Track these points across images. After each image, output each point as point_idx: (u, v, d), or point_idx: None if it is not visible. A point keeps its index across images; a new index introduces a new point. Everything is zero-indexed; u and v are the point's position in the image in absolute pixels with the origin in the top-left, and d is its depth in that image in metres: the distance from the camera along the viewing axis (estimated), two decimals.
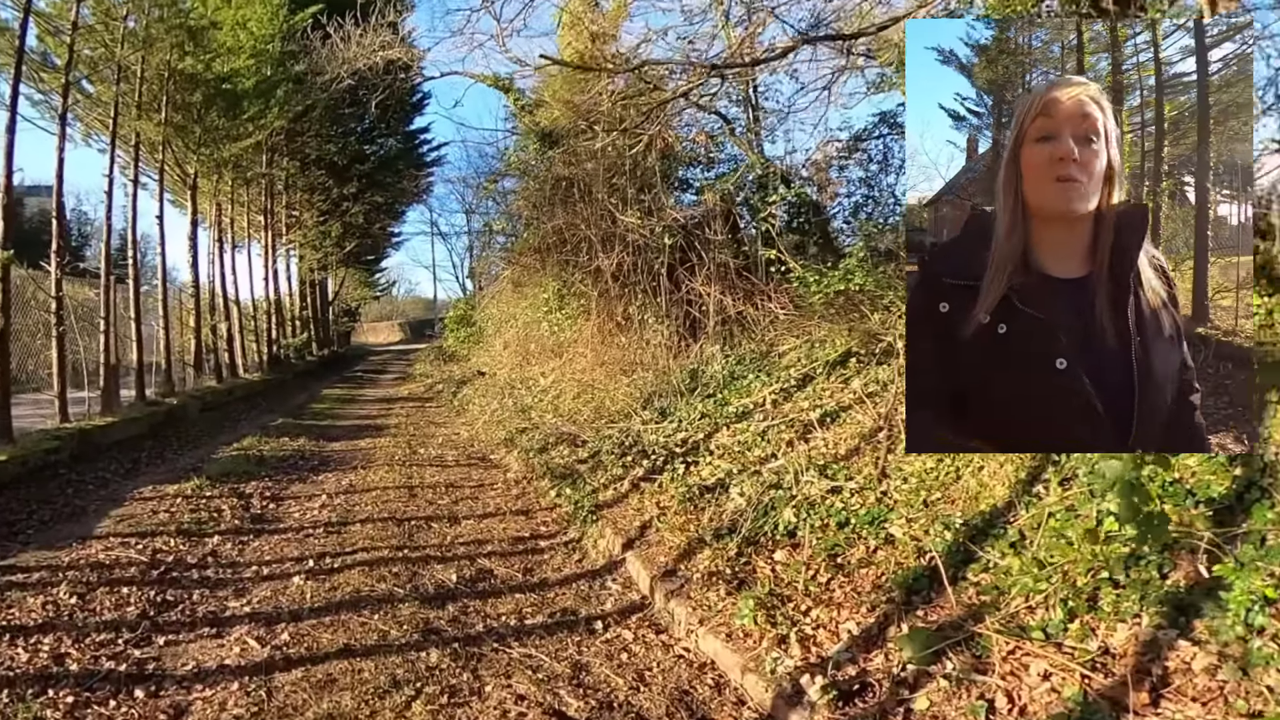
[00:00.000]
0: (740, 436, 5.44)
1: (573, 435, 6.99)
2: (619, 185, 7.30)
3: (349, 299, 33.72)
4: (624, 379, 8.73)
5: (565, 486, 5.70)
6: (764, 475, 4.66)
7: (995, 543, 3.61)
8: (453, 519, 5.50)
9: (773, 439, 5.27)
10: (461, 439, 9.45)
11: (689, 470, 5.22)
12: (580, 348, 9.61)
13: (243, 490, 6.38)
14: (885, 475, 4.44)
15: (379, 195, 24.61)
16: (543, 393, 9.93)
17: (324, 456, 8.14)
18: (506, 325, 14.61)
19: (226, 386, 13.75)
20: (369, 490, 6.37)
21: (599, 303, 8.03)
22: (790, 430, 5.29)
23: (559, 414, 8.40)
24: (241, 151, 14.29)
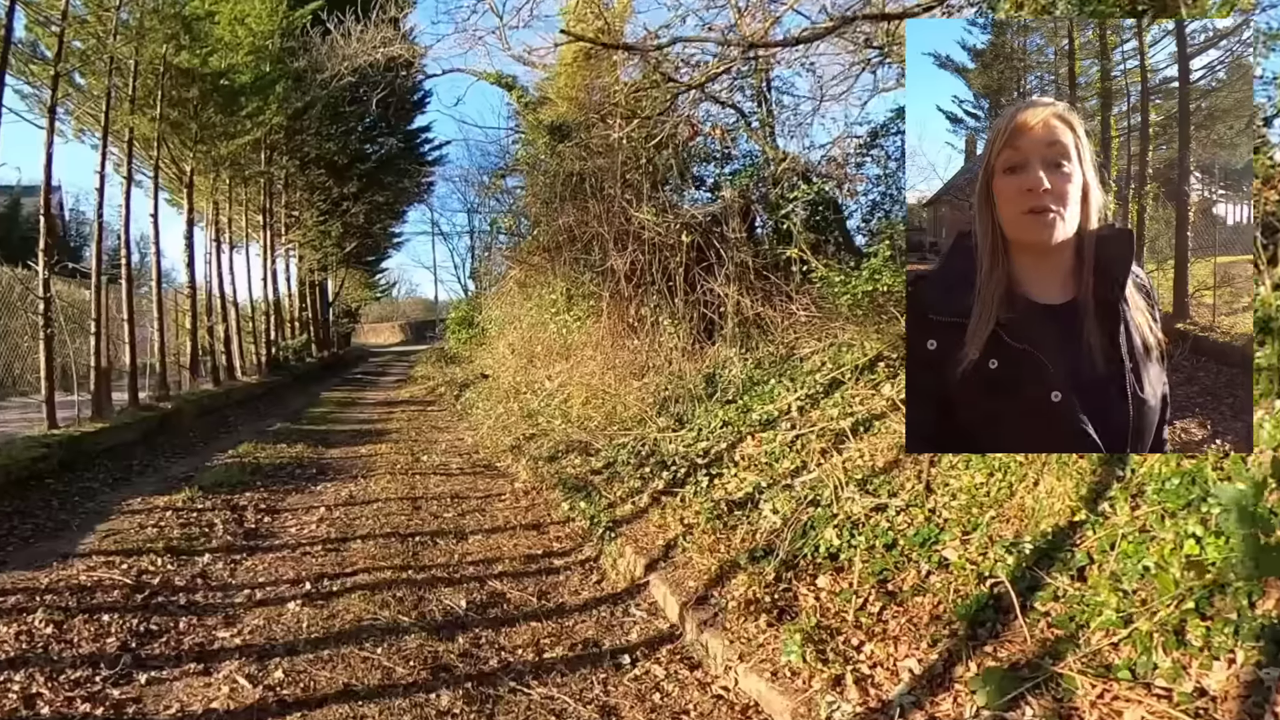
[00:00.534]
0: (767, 447, 5.10)
1: (584, 443, 6.65)
2: (633, 181, 6.97)
3: (349, 300, 33.38)
4: (635, 383, 8.39)
5: (579, 499, 5.36)
6: (797, 490, 4.32)
7: (1063, 568, 3.27)
8: (459, 534, 5.16)
9: (803, 449, 4.93)
10: (465, 445, 9.11)
11: (714, 483, 4.88)
12: (589, 350, 9.27)
13: (236, 502, 6.03)
14: (930, 490, 4.11)
15: (380, 195, 24.29)
16: (549, 397, 9.59)
17: (322, 465, 7.80)
18: (510, 327, 14.26)
19: (223, 390, 13.41)
20: (370, 502, 6.03)
21: (610, 304, 7.69)
22: (821, 440, 4.95)
23: (568, 420, 8.06)
24: (239, 149, 13.95)
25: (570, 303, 8.92)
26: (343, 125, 21.96)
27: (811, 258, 6.42)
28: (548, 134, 7.72)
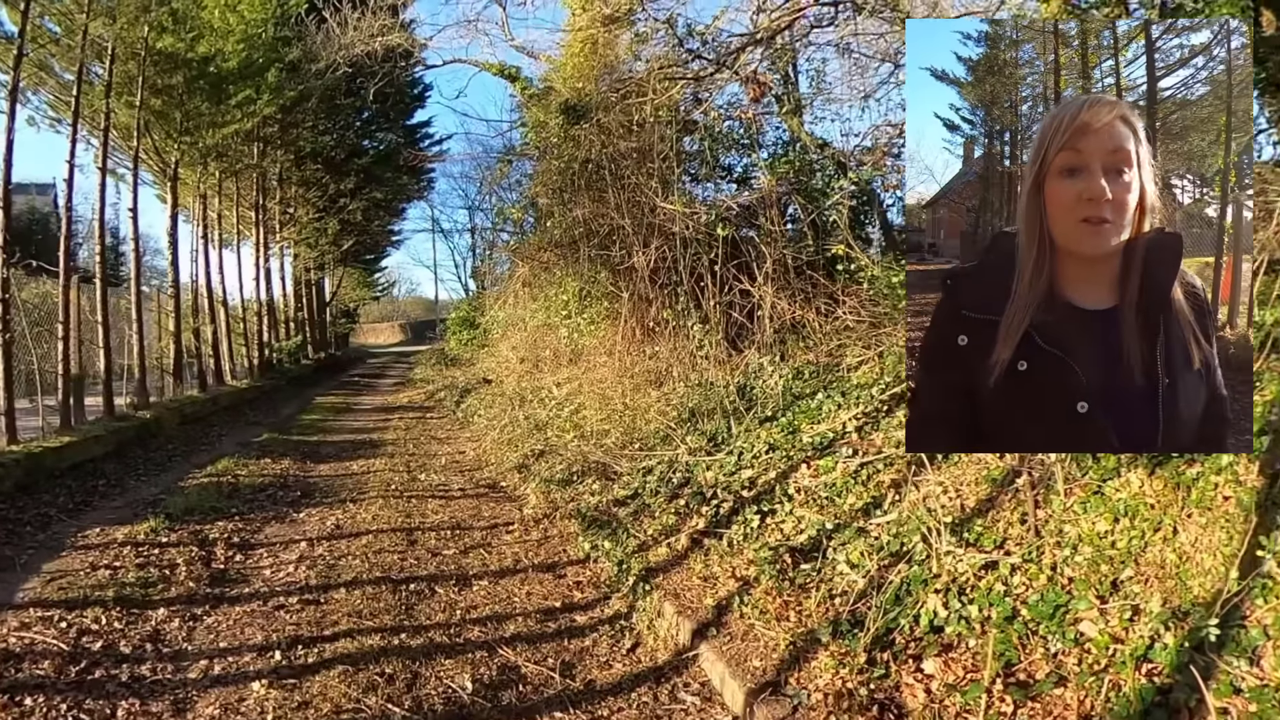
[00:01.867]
0: (826, 477, 4.33)
1: (602, 464, 5.89)
2: (656, 169, 6.19)
3: (347, 299, 32.59)
4: (653, 392, 7.63)
5: (601, 537, 4.59)
6: (876, 535, 3.55)
7: (1235, 649, 2.52)
8: (462, 578, 4.39)
9: (869, 481, 4.16)
10: (467, 460, 8.34)
11: (766, 522, 4.11)
12: (602, 356, 8.50)
13: (206, 534, 5.26)
14: (1039, 534, 3.35)
15: (378, 191, 23.50)
16: (559, 406, 8.82)
17: (308, 484, 7.03)
18: (514, 328, 13.50)
19: (210, 396, 12.64)
20: (359, 535, 5.25)
21: (630, 305, 6.92)
22: (890, 470, 4.18)
23: (581, 434, 7.29)
24: (227, 139, 13.17)
25: (582, 304, 8.13)
26: (339, 118, 21.20)
27: (861, 255, 5.65)
28: (561, 115, 6.93)
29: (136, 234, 10.74)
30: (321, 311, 27.07)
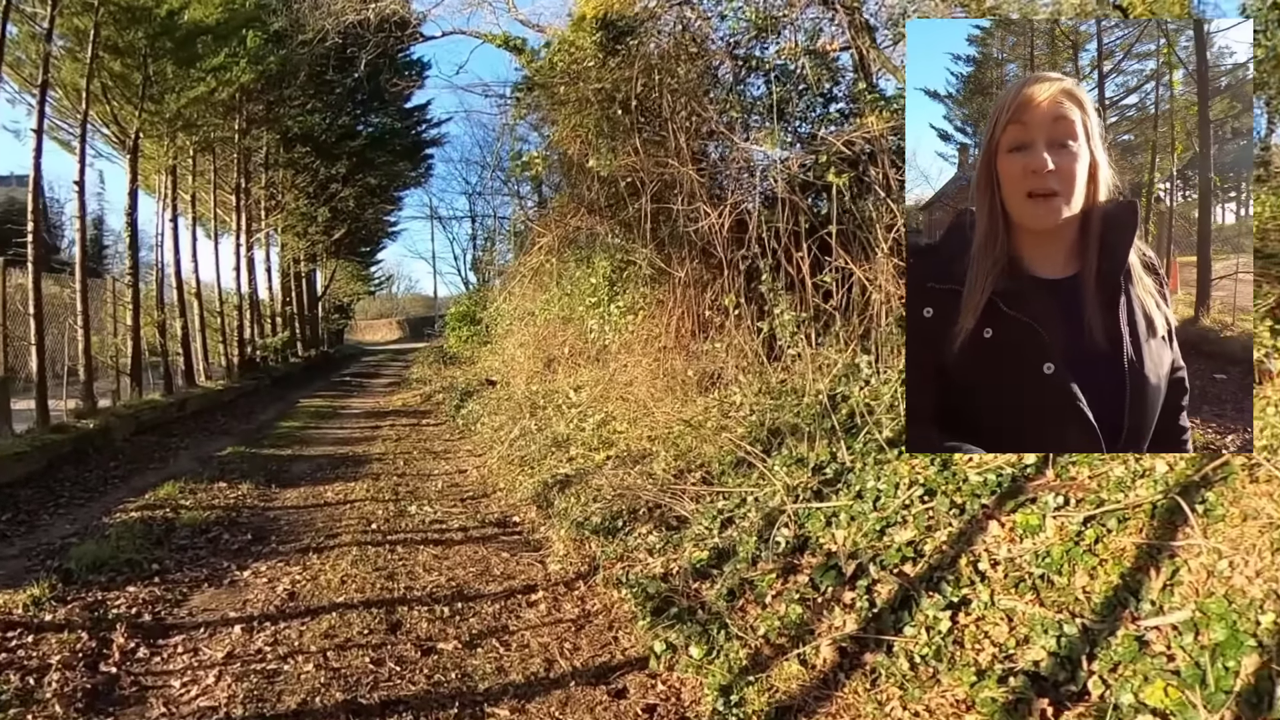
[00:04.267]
0: (1032, 541, 2.78)
1: (655, 503, 4.33)
2: (729, 99, 4.61)
3: (340, 294, 30.94)
4: (700, 400, 6.10)
5: (680, 631, 3.03)
6: (1164, 648, 2.01)
7: None
8: (471, 702, 2.83)
9: (1106, 546, 2.61)
10: (469, 483, 6.79)
11: (959, 623, 2.56)
12: (634, 353, 6.95)
13: (108, 609, 3.71)
14: None
15: (372, 177, 21.88)
16: (581, 415, 7.27)
17: (266, 521, 5.46)
18: (521, 323, 11.93)
19: (176, 399, 11.06)
20: (317, 614, 3.67)
21: (682, 288, 5.36)
22: (1126, 530, 2.63)
23: (617, 453, 5.74)
24: (196, 107, 11.57)
25: (614, 290, 6.54)
26: (330, 96, 19.57)
27: None
28: (599, 33, 5.35)
29: (83, 212, 9.20)
30: (313, 306, 25.47)
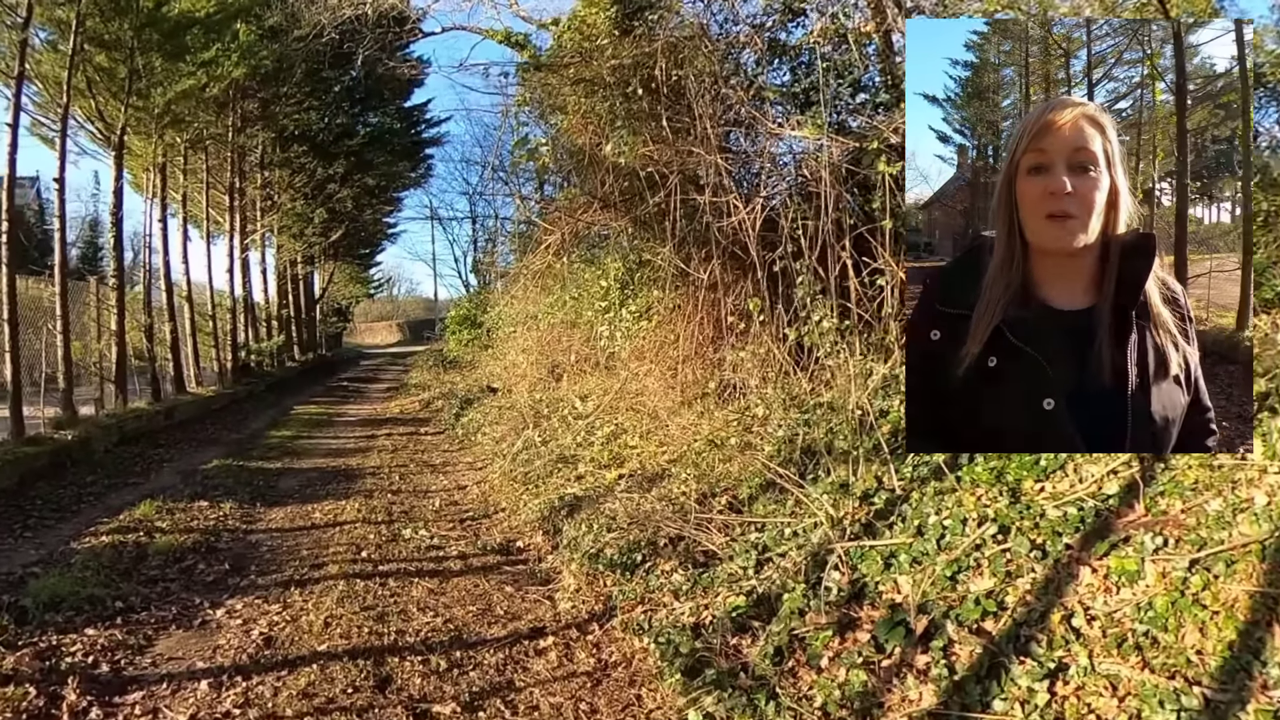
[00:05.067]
0: (1131, 591, 2.31)
1: (680, 535, 3.86)
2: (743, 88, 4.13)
3: (339, 297, 30.48)
4: (718, 414, 5.64)
5: (724, 703, 2.55)
6: None
7: None
8: None
9: (1215, 595, 2.15)
10: (469, 501, 6.32)
11: (1058, 694, 2.09)
12: (645, 361, 6.49)
13: (61, 658, 3.24)
14: None
15: (370, 177, 21.41)
16: (589, 428, 6.81)
17: (246, 547, 5.00)
18: (524, 327, 11.47)
19: (163, 408, 10.59)
20: (296, 666, 3.20)
21: (704, 291, 4.89)
22: (1235, 576, 2.16)
23: (629, 473, 5.28)
24: (184, 101, 11.11)
25: (625, 292, 6.06)
26: (326, 95, 19.13)
27: None
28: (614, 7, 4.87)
29: (62, 210, 8.70)
30: (310, 309, 25.02)
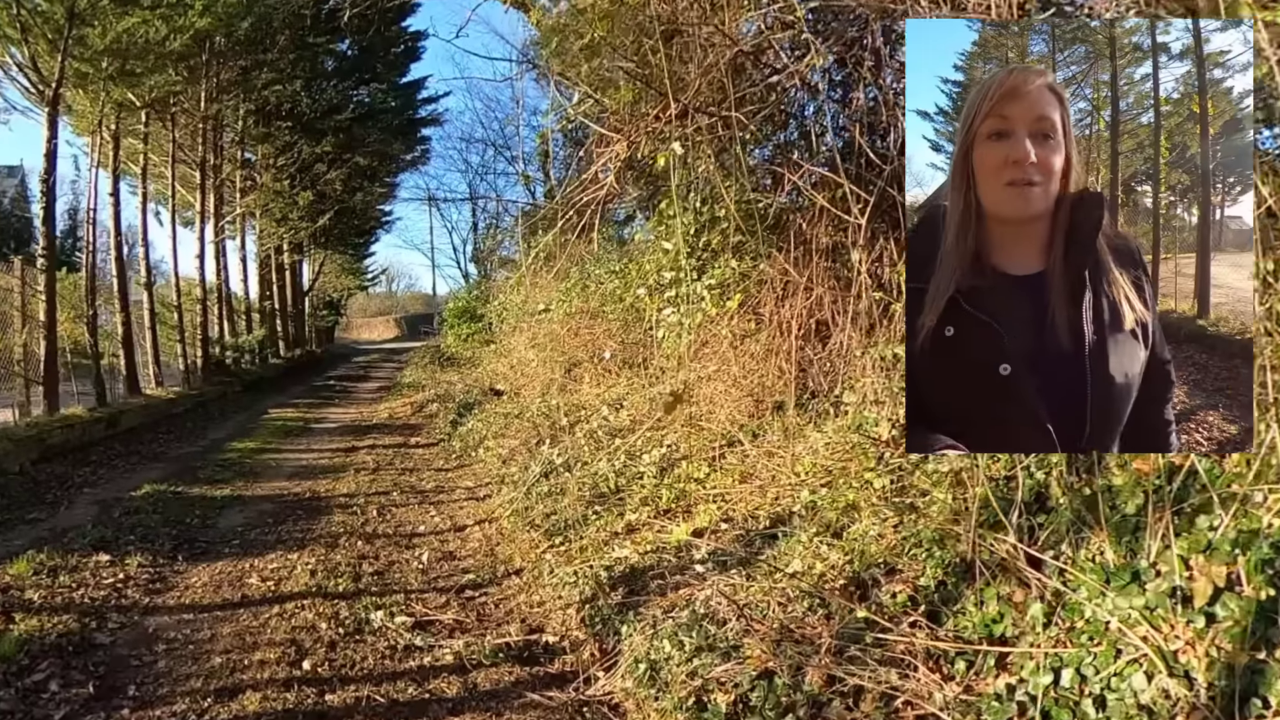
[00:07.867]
0: None
1: (842, 674, 2.16)
2: None
3: (330, 289, 28.73)
4: (817, 435, 3.96)
5: None
6: None
7: None
8: None
9: None
10: (470, 553, 4.61)
11: None
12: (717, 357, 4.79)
13: None
14: None
15: (361, 156, 19.66)
16: (630, 449, 5.11)
17: (137, 643, 3.27)
18: (533, 319, 9.76)
19: (106, 414, 8.86)
20: None
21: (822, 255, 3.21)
22: None
23: (713, 526, 3.58)
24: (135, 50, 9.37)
25: (701, 262, 4.27)
26: (312, 64, 17.40)
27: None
28: None
29: None
30: (298, 301, 23.27)
